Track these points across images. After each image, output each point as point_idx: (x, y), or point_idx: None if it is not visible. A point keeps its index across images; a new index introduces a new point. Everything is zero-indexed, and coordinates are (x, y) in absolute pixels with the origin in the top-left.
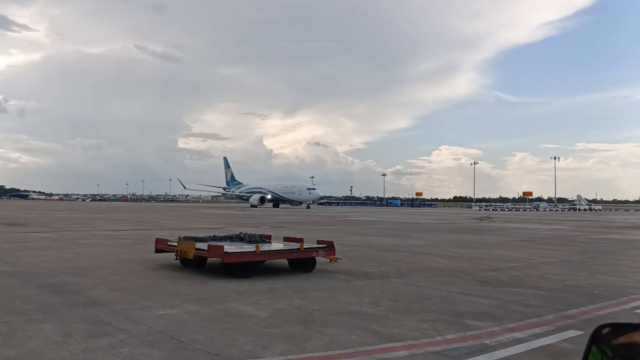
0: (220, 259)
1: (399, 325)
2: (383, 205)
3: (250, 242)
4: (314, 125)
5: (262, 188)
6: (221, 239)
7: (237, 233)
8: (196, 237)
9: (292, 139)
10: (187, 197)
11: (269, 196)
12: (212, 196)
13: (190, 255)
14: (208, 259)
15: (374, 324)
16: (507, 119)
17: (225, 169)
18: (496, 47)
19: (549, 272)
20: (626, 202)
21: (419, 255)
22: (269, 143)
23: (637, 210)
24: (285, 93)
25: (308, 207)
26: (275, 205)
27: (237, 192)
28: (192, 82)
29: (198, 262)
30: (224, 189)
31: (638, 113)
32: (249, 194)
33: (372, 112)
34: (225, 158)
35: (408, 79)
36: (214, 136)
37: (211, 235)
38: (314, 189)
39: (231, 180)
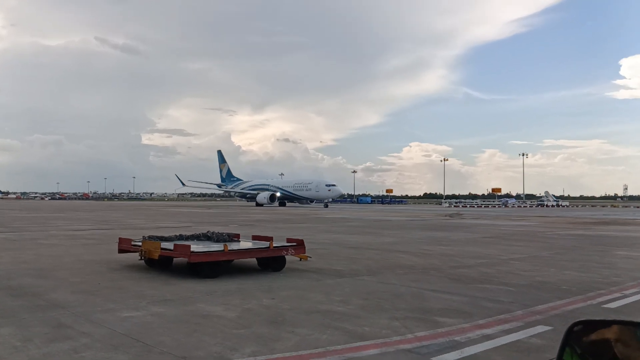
0: (186, 259)
1: (370, 323)
2: (354, 202)
3: (218, 241)
4: (283, 122)
5: (268, 185)
6: (188, 238)
7: (205, 232)
8: (162, 237)
9: (261, 135)
10: (152, 195)
11: (278, 194)
12: (200, 193)
13: (156, 255)
14: (174, 259)
15: (345, 322)
16: (477, 116)
17: (220, 163)
18: (466, 44)
19: (517, 268)
20: (592, 198)
21: (390, 253)
22: (237, 139)
23: (603, 207)
24: (253, 88)
25: (326, 206)
26: (282, 204)
27: (238, 190)
28: (156, 76)
29: (164, 263)
30: (219, 185)
31: (604, 110)
32: (254, 192)
33: (342, 109)
34: (219, 152)
35: (378, 75)
36: (180, 132)
37: (177, 234)
38: (334, 185)
39: (227, 177)
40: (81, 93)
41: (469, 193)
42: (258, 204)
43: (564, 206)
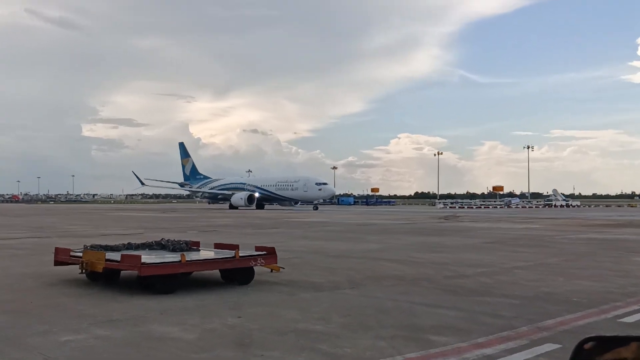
0: (136, 272)
1: (352, 344)
2: (333, 203)
3: (174, 250)
4: (251, 109)
5: (244, 184)
6: (138, 247)
7: (158, 240)
8: (107, 246)
9: (225, 126)
10: (96, 197)
11: (256, 194)
12: (153, 194)
13: (100, 268)
14: (122, 271)
15: (323, 343)
16: (475, 103)
17: (183, 158)
18: (462, 19)
19: (521, 278)
20: (607, 196)
21: (375, 262)
22: (196, 130)
23: (619, 206)
24: (215, 70)
25: (316, 208)
26: (259, 206)
27: (207, 189)
28: (98, 56)
29: (109, 276)
30: (182, 185)
31: (619, 96)
32: (227, 192)
33: (320, 94)
34: (182, 144)
35: (362, 54)
36: (128, 122)
37: (125, 242)
38: (325, 183)
39: (192, 174)
40: (8, 76)
41: (467, 192)
42: (232, 206)
43: (574, 206)
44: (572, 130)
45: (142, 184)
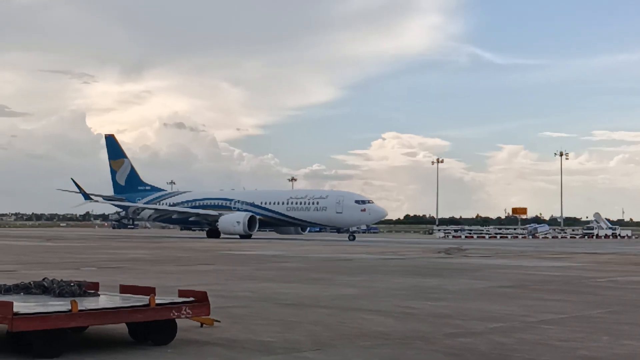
0: (6, 325)
1: None
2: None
3: (61, 294)
4: (175, 95)
5: (229, 199)
6: (8, 290)
7: (40, 280)
8: None
9: (138, 117)
10: None
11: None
12: (31, 214)
13: None
14: None
15: None
16: (489, 92)
17: (112, 159)
18: None
19: (552, 337)
20: None
21: (350, 313)
22: (95, 123)
23: None
24: (123, 39)
25: (352, 238)
26: (213, 234)
27: (169, 207)
28: None
29: None
30: (110, 199)
31: None
32: (212, 211)
33: (272, 75)
34: (110, 138)
35: (330, 22)
36: None
37: None
38: (369, 201)
39: (131, 184)
40: None
41: (477, 215)
42: (213, 234)
43: (623, 237)
44: (621, 132)
45: (88, 198)
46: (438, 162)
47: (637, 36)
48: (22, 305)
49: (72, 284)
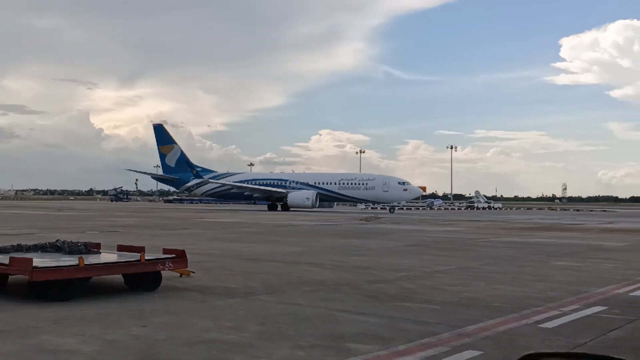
0: (27, 277)
1: (268, 354)
2: (251, 202)
3: (70, 252)
4: (161, 99)
5: (285, 180)
6: (29, 249)
7: (53, 241)
8: None
9: (131, 116)
10: None
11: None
12: (48, 190)
13: None
14: (9, 276)
15: (237, 354)
16: (399, 100)
17: (161, 145)
18: (389, 12)
19: (443, 283)
20: (528, 199)
21: (295, 265)
22: (98, 120)
23: (539, 209)
24: (120, 55)
25: (392, 211)
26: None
27: (233, 182)
28: None
29: None
30: (160, 177)
31: (544, 97)
32: (277, 188)
33: (237, 85)
34: (159, 127)
35: (283, 44)
36: (19, 109)
37: (14, 244)
38: (408, 182)
39: (181, 166)
40: None
41: None
42: (274, 207)
43: (496, 208)
44: (495, 131)
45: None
46: (361, 152)
47: (510, 60)
48: (40, 260)
49: (79, 244)
